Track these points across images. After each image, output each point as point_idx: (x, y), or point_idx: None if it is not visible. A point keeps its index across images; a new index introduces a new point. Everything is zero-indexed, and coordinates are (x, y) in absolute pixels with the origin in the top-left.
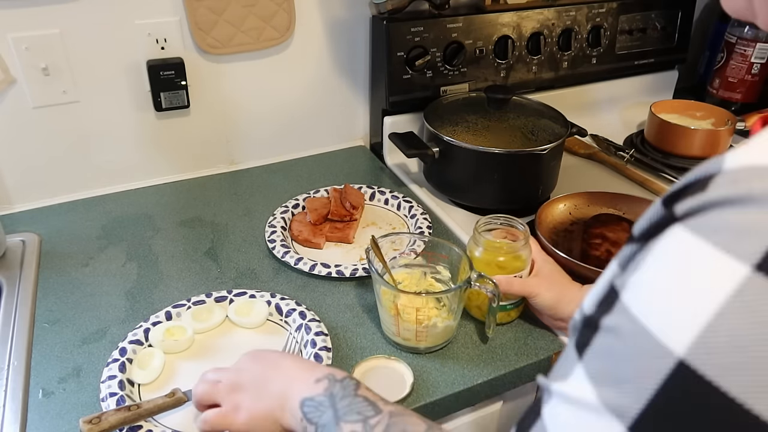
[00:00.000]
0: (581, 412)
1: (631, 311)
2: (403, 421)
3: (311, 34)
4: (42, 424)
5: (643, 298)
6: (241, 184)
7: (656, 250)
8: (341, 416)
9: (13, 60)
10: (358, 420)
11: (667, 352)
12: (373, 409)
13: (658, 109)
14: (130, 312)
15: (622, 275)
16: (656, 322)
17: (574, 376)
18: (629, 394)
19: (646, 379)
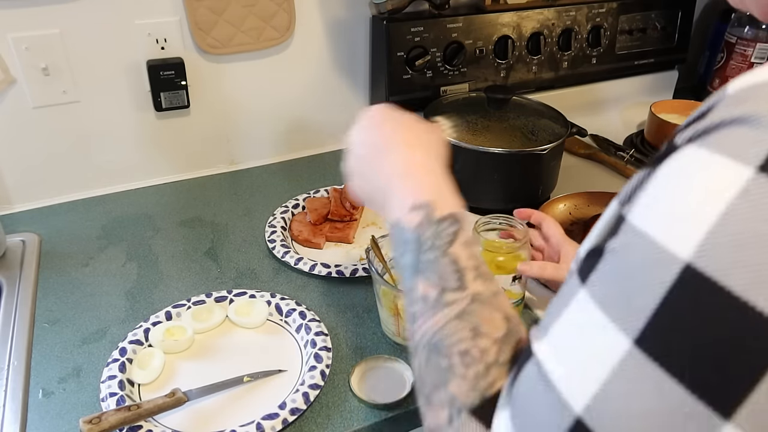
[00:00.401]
0: (584, 332)
1: (636, 227)
2: (483, 314)
3: (311, 34)
4: (42, 424)
5: (649, 212)
6: (241, 184)
7: (662, 169)
8: (421, 270)
9: (13, 60)
10: (435, 285)
11: (672, 258)
12: (457, 281)
13: (658, 109)
14: (130, 312)
15: (627, 203)
16: (661, 230)
17: (575, 302)
18: (635, 308)
19: (652, 289)
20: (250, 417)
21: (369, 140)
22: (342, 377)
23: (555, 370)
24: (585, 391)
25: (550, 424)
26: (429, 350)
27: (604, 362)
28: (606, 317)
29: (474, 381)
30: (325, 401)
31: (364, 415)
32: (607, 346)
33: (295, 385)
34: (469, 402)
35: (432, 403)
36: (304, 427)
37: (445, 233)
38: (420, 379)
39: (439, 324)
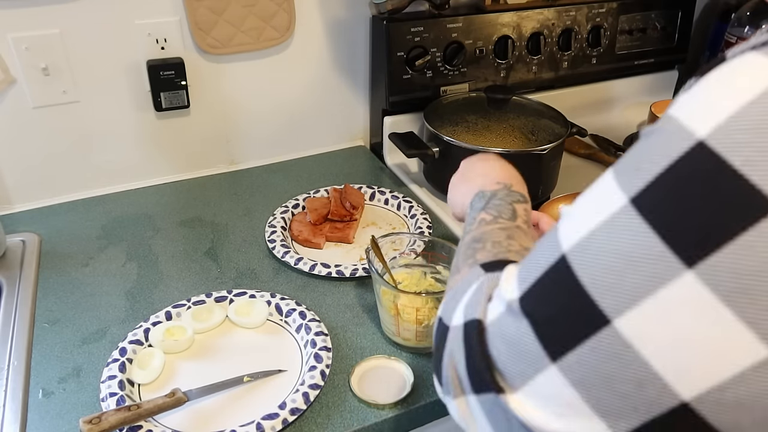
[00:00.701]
0: (593, 193)
1: (669, 114)
2: (520, 235)
3: (311, 34)
4: (42, 424)
5: (683, 103)
6: (241, 184)
7: (711, 73)
8: (486, 207)
9: (13, 60)
10: (493, 215)
11: (689, 135)
12: (510, 216)
13: (658, 109)
14: (130, 312)
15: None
16: (688, 113)
17: (601, 178)
18: (640, 171)
19: (661, 158)
20: (250, 417)
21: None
22: (342, 377)
23: (562, 224)
24: (575, 234)
25: (541, 259)
26: (472, 241)
27: (599, 213)
28: (614, 180)
29: (494, 254)
30: (325, 401)
31: (364, 415)
32: (606, 201)
33: (295, 385)
34: (484, 260)
35: (459, 269)
36: (304, 427)
37: (515, 196)
38: (455, 264)
39: (486, 229)
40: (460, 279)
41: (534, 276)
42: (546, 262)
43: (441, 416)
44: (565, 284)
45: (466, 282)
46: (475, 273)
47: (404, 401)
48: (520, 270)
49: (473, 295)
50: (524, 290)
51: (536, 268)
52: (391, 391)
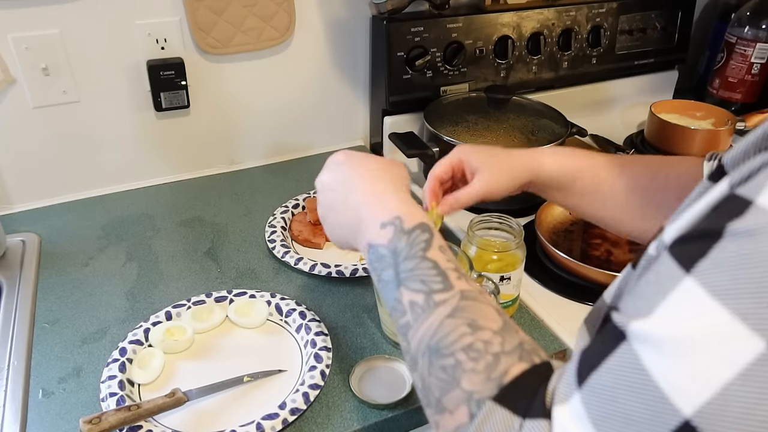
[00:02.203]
0: (698, 326)
1: (763, 207)
2: (475, 309)
3: (311, 34)
4: (42, 424)
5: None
6: (241, 184)
7: None
8: (402, 280)
9: (13, 60)
10: (420, 290)
11: None
12: (442, 282)
13: (658, 109)
14: (130, 312)
15: (745, 184)
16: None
17: (681, 293)
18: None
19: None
20: (250, 417)
21: (333, 181)
22: (342, 377)
23: (657, 364)
24: (699, 393)
25: (646, 421)
26: (430, 354)
27: (728, 363)
28: (730, 313)
29: (486, 372)
30: (325, 401)
31: (364, 415)
32: (732, 345)
33: (295, 385)
34: (487, 392)
35: (445, 407)
36: (304, 427)
37: (418, 240)
38: (425, 389)
39: (434, 325)
40: (461, 427)
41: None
42: (659, 428)
43: None
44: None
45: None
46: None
47: (404, 401)
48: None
49: None
50: None
51: None
52: (391, 391)
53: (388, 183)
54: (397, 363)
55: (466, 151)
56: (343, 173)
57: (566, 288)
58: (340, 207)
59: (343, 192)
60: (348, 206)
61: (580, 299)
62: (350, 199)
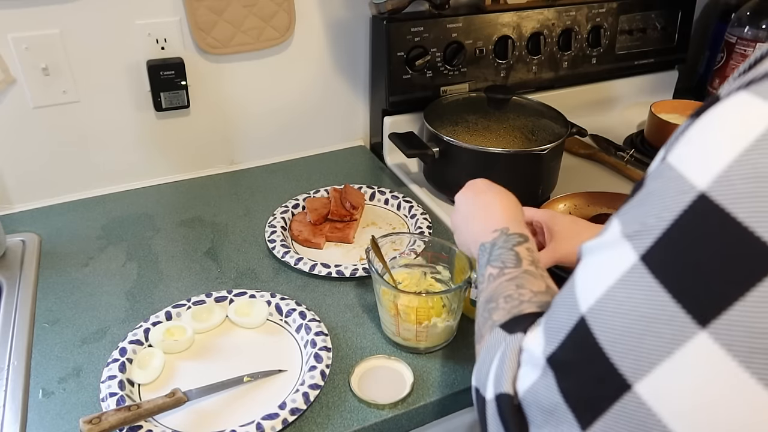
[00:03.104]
0: (602, 251)
1: (668, 162)
2: (529, 279)
3: (311, 34)
4: (42, 424)
5: (681, 149)
6: (241, 184)
7: (705, 114)
8: (490, 261)
9: (13, 60)
10: (498, 266)
11: (690, 187)
12: (514, 263)
13: (658, 109)
14: (130, 312)
15: (669, 147)
16: (686, 162)
17: (608, 229)
18: (648, 227)
19: (665, 212)
20: (250, 417)
21: (466, 203)
22: (342, 377)
23: (578, 279)
24: (592, 295)
25: (563, 320)
26: (485, 303)
27: (612, 272)
28: (621, 234)
29: (509, 310)
30: (325, 401)
31: (364, 415)
32: (618, 259)
33: (295, 385)
34: (501, 321)
35: (482, 334)
36: (304, 427)
37: (513, 239)
38: (477, 329)
39: (497, 285)
40: (484, 345)
41: (558, 339)
42: (567, 323)
43: (441, 416)
44: (588, 348)
45: (490, 348)
46: (497, 337)
47: (404, 401)
48: (545, 330)
49: (499, 365)
50: (550, 353)
51: (559, 330)
52: (391, 391)
53: (509, 208)
54: (397, 363)
55: (551, 215)
56: (475, 201)
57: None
58: (471, 218)
59: (474, 218)
60: (477, 219)
61: None
62: (482, 213)
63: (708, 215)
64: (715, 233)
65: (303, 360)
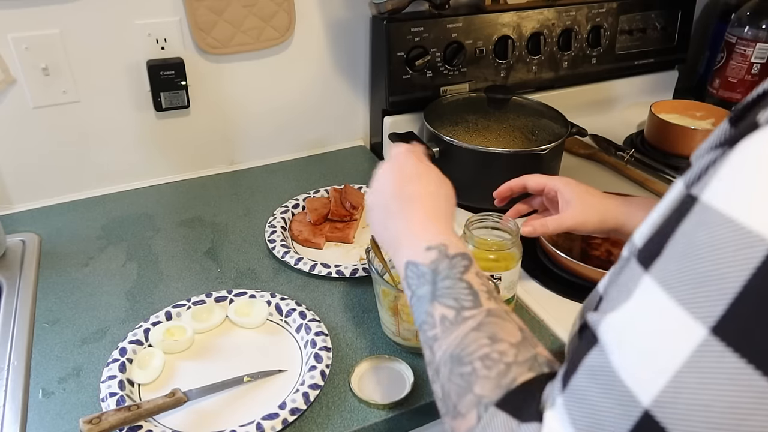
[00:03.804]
0: (652, 320)
1: (711, 206)
2: (498, 325)
3: (311, 34)
4: (42, 424)
5: (726, 190)
6: (241, 184)
7: (744, 146)
8: (437, 296)
9: (13, 60)
10: (452, 306)
11: (757, 239)
12: (472, 301)
13: (658, 109)
14: (130, 312)
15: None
16: (743, 208)
17: (640, 290)
18: (711, 290)
19: (732, 271)
20: (250, 417)
21: (386, 189)
22: (342, 377)
23: (619, 361)
24: (654, 383)
25: (613, 416)
26: (451, 363)
27: (676, 352)
28: (677, 304)
29: (497, 379)
30: (325, 401)
31: (364, 415)
32: (679, 334)
33: (295, 385)
34: (495, 397)
35: (460, 411)
36: (304, 427)
37: (459, 264)
38: (445, 396)
39: (459, 337)
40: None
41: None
42: (624, 421)
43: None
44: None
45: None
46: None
47: (404, 401)
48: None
49: None
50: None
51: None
52: (391, 391)
53: (440, 208)
54: (397, 363)
55: (566, 182)
56: (394, 184)
57: (566, 288)
58: (387, 218)
59: (393, 205)
60: (397, 221)
61: (580, 299)
62: (399, 216)
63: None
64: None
65: (303, 360)
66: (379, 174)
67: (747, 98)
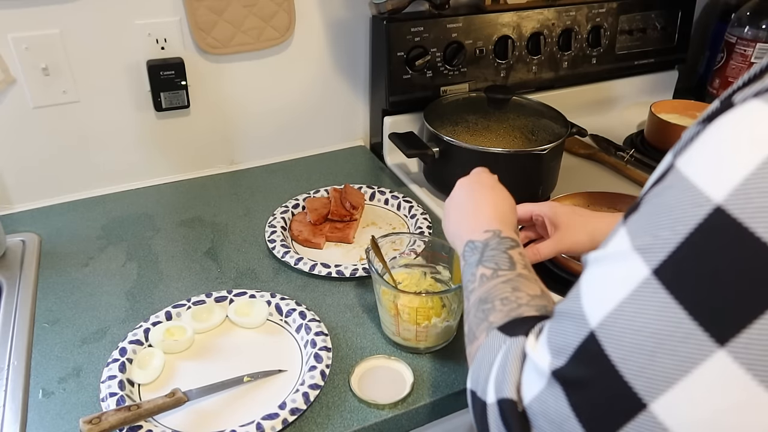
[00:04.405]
0: (610, 263)
1: (681, 171)
2: (524, 282)
3: (311, 35)
4: (42, 424)
5: (694, 159)
6: (241, 184)
7: (716, 122)
8: (482, 261)
9: (13, 60)
10: (491, 268)
11: (705, 200)
12: (509, 265)
13: (658, 109)
14: (130, 312)
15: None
16: (701, 174)
17: (614, 239)
18: (661, 239)
19: (679, 224)
20: (250, 417)
21: (464, 194)
22: (342, 377)
23: (585, 291)
24: (602, 309)
25: (571, 334)
26: (478, 303)
27: (623, 286)
28: (632, 248)
29: (507, 312)
30: (325, 401)
31: (364, 415)
32: (629, 272)
33: (295, 385)
34: (501, 323)
35: (476, 335)
36: (304, 427)
37: (506, 243)
38: (469, 330)
39: (489, 287)
40: (479, 346)
41: (566, 353)
42: (575, 337)
43: (441, 416)
44: (599, 363)
45: (488, 349)
46: (496, 339)
47: (404, 401)
48: (549, 341)
49: (500, 368)
50: (559, 366)
51: (566, 343)
52: (391, 391)
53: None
54: (397, 363)
55: (551, 206)
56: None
57: (566, 288)
58: (464, 212)
59: (473, 203)
60: (470, 214)
61: None
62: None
63: (725, 230)
64: (732, 249)
65: (303, 360)
66: (459, 183)
67: (738, 81)
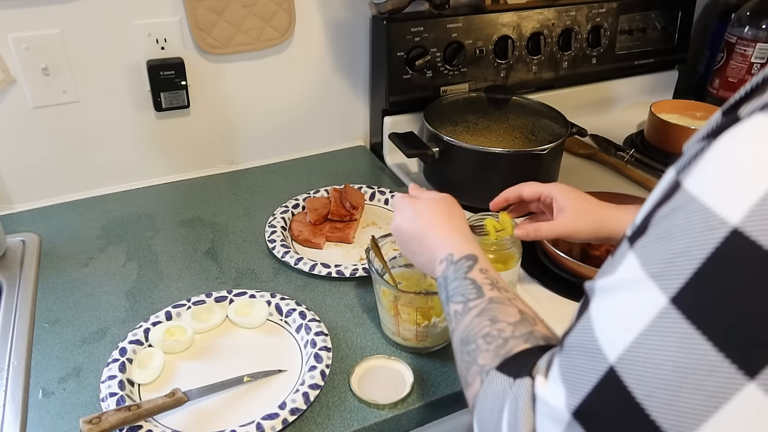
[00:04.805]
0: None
1: (690, 192)
2: (499, 309)
3: (311, 35)
4: (42, 424)
5: (704, 178)
6: (241, 184)
7: (724, 138)
8: (450, 297)
9: (13, 60)
10: (460, 302)
11: (720, 222)
12: (476, 293)
13: (658, 109)
14: (130, 312)
15: (684, 171)
16: (713, 195)
17: (624, 264)
18: (676, 266)
19: (696, 250)
20: (250, 417)
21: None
22: (342, 377)
23: (598, 323)
24: (619, 343)
25: (588, 370)
26: (461, 344)
27: (640, 317)
28: (645, 275)
29: (496, 351)
30: (325, 401)
31: (364, 415)
32: (644, 302)
33: (295, 385)
34: (494, 364)
35: (468, 381)
36: (304, 427)
37: (463, 266)
38: (460, 374)
39: (466, 324)
40: (478, 393)
41: (583, 390)
42: (593, 373)
43: (441, 416)
44: (622, 402)
45: (493, 396)
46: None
47: (404, 401)
48: (564, 379)
49: (511, 416)
50: (576, 406)
51: (583, 381)
52: (391, 391)
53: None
54: (397, 363)
55: (561, 189)
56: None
57: (566, 288)
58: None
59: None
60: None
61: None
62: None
63: (744, 253)
64: (753, 273)
65: (303, 360)
66: (393, 229)
67: (740, 91)
